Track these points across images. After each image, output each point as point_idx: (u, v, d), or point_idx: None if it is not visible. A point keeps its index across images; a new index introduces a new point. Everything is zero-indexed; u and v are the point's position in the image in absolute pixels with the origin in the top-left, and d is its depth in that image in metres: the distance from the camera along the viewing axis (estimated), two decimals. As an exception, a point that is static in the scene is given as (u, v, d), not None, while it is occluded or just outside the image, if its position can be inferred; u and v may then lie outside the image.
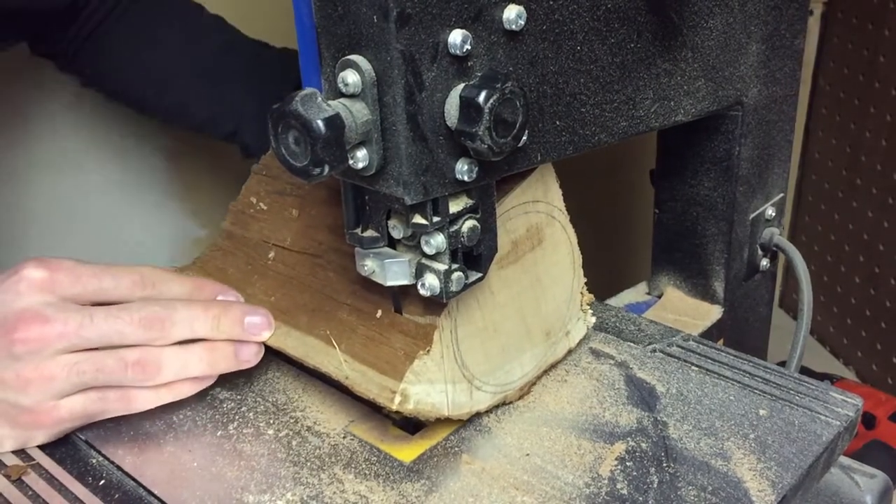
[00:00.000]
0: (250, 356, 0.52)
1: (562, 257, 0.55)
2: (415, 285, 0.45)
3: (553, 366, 0.56)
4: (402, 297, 0.49)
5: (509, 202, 0.49)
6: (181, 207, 0.99)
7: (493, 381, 0.51)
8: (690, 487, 0.46)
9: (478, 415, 0.52)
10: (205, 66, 0.77)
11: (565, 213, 0.54)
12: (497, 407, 0.53)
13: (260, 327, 0.52)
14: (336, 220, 0.54)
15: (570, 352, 0.57)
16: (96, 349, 0.48)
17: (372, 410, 0.53)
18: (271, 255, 0.58)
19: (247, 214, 0.61)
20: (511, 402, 0.53)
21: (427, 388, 0.47)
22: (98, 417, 0.50)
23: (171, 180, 1.01)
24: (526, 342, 0.53)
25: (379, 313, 0.50)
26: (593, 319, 0.58)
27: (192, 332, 0.50)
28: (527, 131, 0.42)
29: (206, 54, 0.78)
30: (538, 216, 0.52)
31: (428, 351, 0.47)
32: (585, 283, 0.57)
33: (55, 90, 0.89)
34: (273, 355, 0.59)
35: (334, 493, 0.46)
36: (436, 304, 0.47)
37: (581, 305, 0.57)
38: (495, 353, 0.51)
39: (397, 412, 0.47)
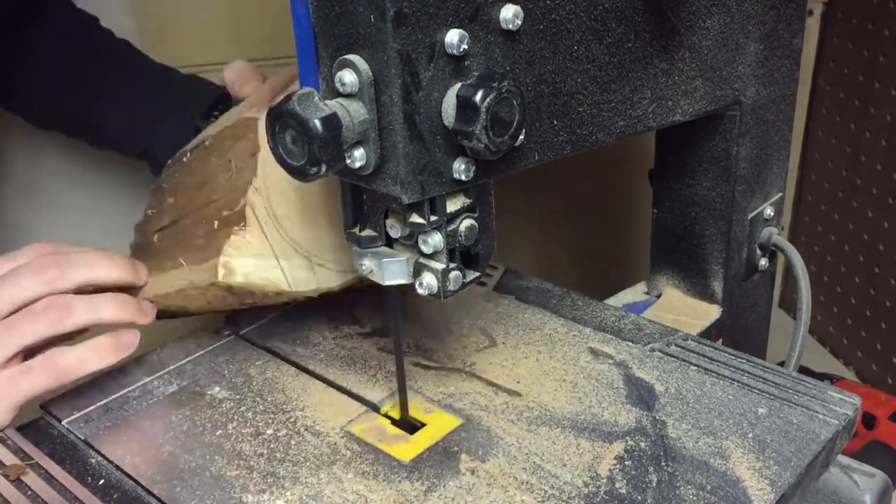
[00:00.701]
0: (148, 308, 0.56)
1: None
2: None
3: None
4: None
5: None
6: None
7: (337, 259, 0.53)
8: (689, 486, 0.46)
9: (477, 415, 0.52)
10: (112, 84, 0.77)
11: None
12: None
13: (130, 264, 0.57)
14: (197, 176, 0.59)
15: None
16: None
17: (371, 410, 0.53)
18: (155, 238, 0.62)
19: (144, 224, 0.64)
20: (367, 286, 0.53)
21: (254, 261, 0.51)
22: (32, 393, 0.51)
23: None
24: None
25: (216, 224, 0.54)
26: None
27: (91, 272, 0.53)
28: (524, 130, 0.42)
29: (114, 72, 0.78)
30: None
31: (243, 226, 0.51)
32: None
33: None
34: (272, 355, 0.59)
35: (333, 492, 0.46)
36: (248, 187, 0.52)
37: None
38: (325, 231, 0.53)
39: (228, 286, 0.50)
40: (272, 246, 0.51)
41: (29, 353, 0.51)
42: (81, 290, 0.53)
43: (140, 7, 0.89)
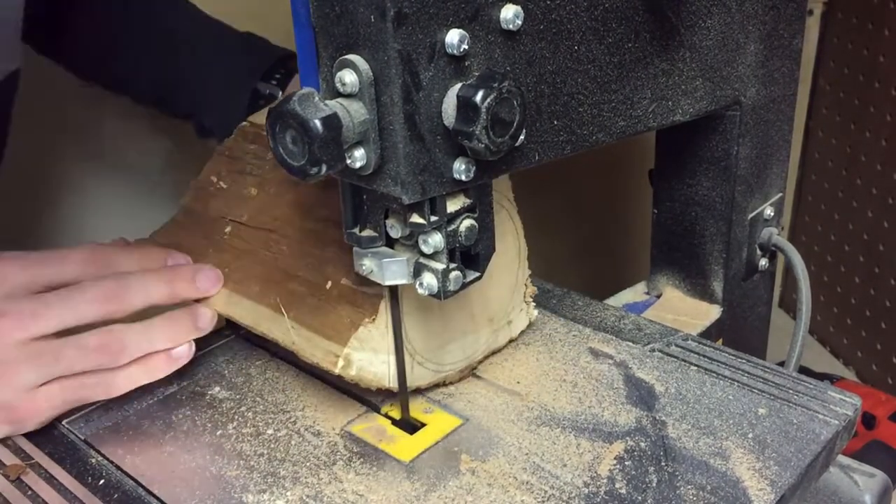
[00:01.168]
0: (206, 323, 0.54)
1: (508, 247, 0.55)
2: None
3: (494, 352, 0.57)
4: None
5: None
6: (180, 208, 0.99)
7: (435, 360, 0.52)
8: (689, 486, 0.46)
9: (478, 415, 0.52)
10: (161, 39, 0.74)
11: (513, 203, 0.55)
12: (446, 384, 0.54)
13: (210, 281, 0.54)
14: (295, 197, 0.55)
15: (511, 341, 0.58)
16: (57, 334, 0.48)
17: (371, 410, 0.53)
18: (228, 229, 0.59)
19: (206, 192, 0.62)
20: (451, 384, 0.54)
21: (370, 356, 0.48)
22: (80, 403, 0.51)
23: (171, 182, 1.01)
24: (469, 325, 0.54)
25: (329, 284, 0.51)
26: (535, 313, 0.59)
27: (147, 299, 0.51)
28: (524, 131, 0.42)
29: (164, 27, 0.74)
30: None
31: (373, 319, 0.48)
32: (530, 274, 0.58)
33: (53, 89, 0.89)
34: (272, 354, 0.59)
35: (333, 492, 0.46)
36: None
37: (525, 297, 0.58)
38: (438, 331, 0.52)
39: (339, 376, 0.48)
40: (389, 341, 0.49)
41: None
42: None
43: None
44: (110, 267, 0.52)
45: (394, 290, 0.48)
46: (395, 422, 0.52)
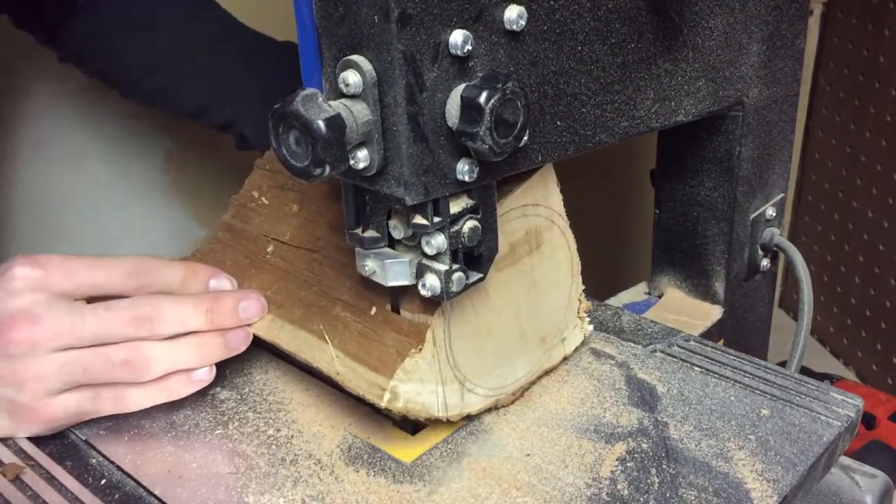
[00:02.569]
0: (239, 343, 0.52)
1: (560, 263, 0.54)
2: (414, 285, 0.45)
3: (547, 372, 0.55)
4: (399, 295, 0.49)
5: (509, 204, 0.49)
6: (181, 208, 0.99)
7: (486, 385, 0.51)
8: (691, 488, 0.46)
9: (479, 415, 0.52)
10: (200, 51, 0.74)
11: (565, 218, 0.53)
12: (497, 407, 0.52)
13: (253, 311, 0.53)
14: (336, 217, 0.54)
15: (565, 359, 0.56)
16: (88, 347, 0.48)
17: (372, 411, 0.53)
18: (270, 248, 0.58)
19: (248, 208, 0.61)
20: (503, 406, 0.53)
21: (417, 386, 0.47)
22: (93, 415, 0.50)
23: (171, 181, 1.01)
24: (520, 346, 0.52)
25: (373, 310, 0.50)
26: (590, 327, 0.58)
27: (183, 328, 0.50)
28: (527, 131, 0.42)
29: (202, 39, 0.74)
30: (538, 220, 0.51)
31: (420, 349, 0.46)
32: (584, 290, 0.56)
33: (53, 86, 0.89)
34: (273, 354, 0.59)
35: (335, 493, 0.46)
36: (431, 303, 0.47)
37: (578, 312, 0.57)
38: (488, 355, 0.50)
39: (387, 409, 0.46)
40: (437, 371, 0.47)
41: None
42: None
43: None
44: (153, 282, 0.52)
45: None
46: (396, 422, 0.52)
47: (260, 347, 0.60)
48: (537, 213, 0.51)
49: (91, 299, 0.50)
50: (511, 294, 0.51)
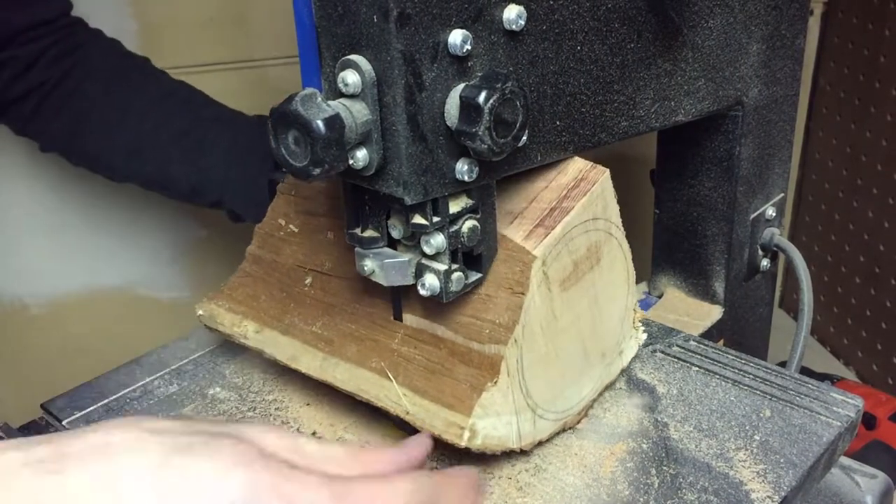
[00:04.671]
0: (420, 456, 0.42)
1: (617, 274, 0.52)
2: (414, 286, 0.45)
3: (608, 387, 0.53)
4: (403, 300, 0.49)
5: (571, 221, 0.46)
6: (182, 208, 0.99)
7: (555, 409, 0.48)
8: (691, 489, 0.46)
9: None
10: (182, 134, 0.76)
11: (622, 228, 0.51)
12: (565, 430, 0.51)
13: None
14: None
15: (622, 371, 0.54)
16: None
17: (372, 410, 0.53)
18: (308, 280, 0.54)
19: (276, 237, 0.56)
20: (570, 428, 0.51)
21: (494, 420, 0.44)
22: None
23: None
24: (584, 365, 0.50)
25: (440, 330, 0.47)
26: (644, 336, 0.56)
27: None
28: (526, 131, 0.42)
29: (183, 122, 0.76)
30: (597, 234, 0.49)
31: (496, 382, 0.44)
32: (637, 302, 0.55)
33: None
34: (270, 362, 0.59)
35: (334, 493, 0.46)
36: (502, 332, 0.45)
37: (633, 322, 0.55)
38: (556, 378, 0.48)
39: (467, 446, 0.43)
40: (511, 401, 0.45)
41: None
42: None
43: (140, 7, 0.89)
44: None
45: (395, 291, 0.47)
46: (395, 423, 0.52)
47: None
48: (597, 228, 0.49)
49: None
50: (575, 313, 0.49)
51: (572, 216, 0.47)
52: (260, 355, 0.54)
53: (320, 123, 0.37)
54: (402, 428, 0.51)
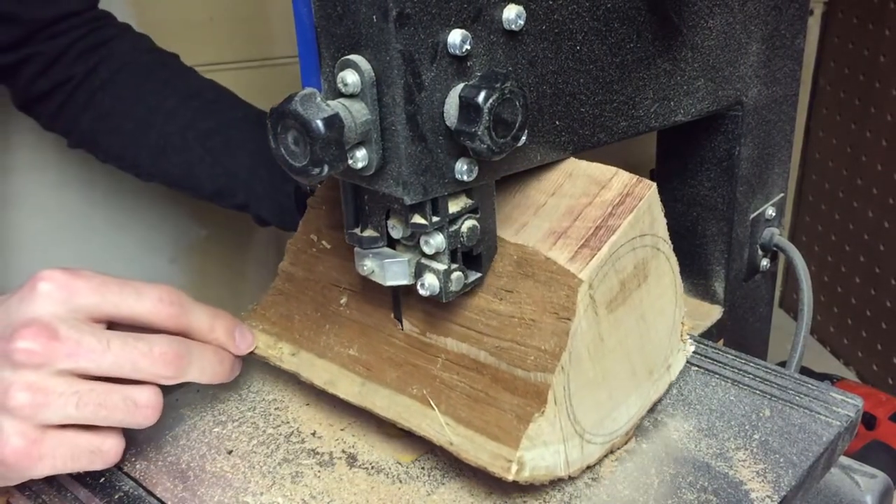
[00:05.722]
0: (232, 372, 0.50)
1: (665, 289, 0.50)
2: (414, 285, 0.45)
3: (655, 404, 0.52)
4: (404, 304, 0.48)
5: (618, 240, 0.44)
6: (182, 208, 0.99)
7: (602, 432, 0.47)
8: (691, 488, 0.46)
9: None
10: (209, 135, 0.74)
11: (669, 241, 0.49)
12: (612, 451, 0.49)
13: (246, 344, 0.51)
14: None
15: (670, 386, 0.52)
16: (101, 380, 0.43)
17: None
18: (343, 300, 0.52)
19: (308, 254, 0.54)
20: (617, 450, 0.49)
21: (542, 451, 0.43)
22: (72, 471, 0.44)
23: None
24: (631, 384, 0.49)
25: (482, 356, 0.45)
26: (692, 348, 0.54)
27: (201, 377, 0.47)
28: (526, 131, 0.42)
29: (210, 122, 0.74)
30: (644, 250, 0.47)
31: (543, 412, 0.42)
32: (684, 315, 0.53)
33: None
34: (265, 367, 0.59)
35: (334, 492, 0.46)
36: (547, 359, 0.43)
37: (681, 335, 0.53)
38: (604, 401, 0.47)
39: (515, 479, 0.42)
40: (561, 429, 0.43)
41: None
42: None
43: (140, 7, 0.89)
44: (182, 318, 0.46)
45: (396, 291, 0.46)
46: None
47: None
48: (644, 244, 0.47)
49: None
50: (622, 333, 0.47)
51: (619, 235, 0.44)
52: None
53: (320, 123, 0.37)
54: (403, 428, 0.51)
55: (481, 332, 0.46)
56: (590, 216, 0.45)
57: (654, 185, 0.46)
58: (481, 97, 0.38)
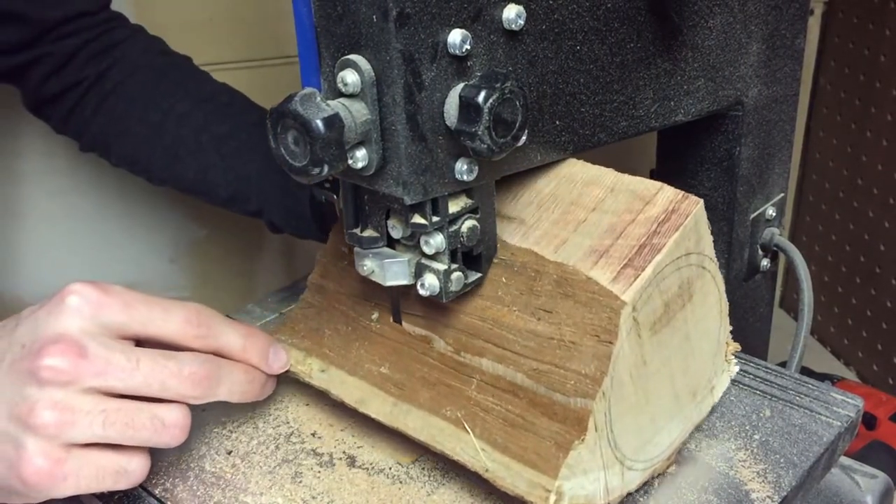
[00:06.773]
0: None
1: (710, 309, 0.48)
2: (414, 286, 0.45)
3: (697, 427, 0.50)
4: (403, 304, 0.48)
5: (663, 260, 0.43)
6: (182, 208, 0.99)
7: (643, 458, 0.45)
8: (691, 488, 0.46)
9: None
10: (222, 139, 0.73)
11: (715, 260, 0.47)
12: (654, 477, 0.48)
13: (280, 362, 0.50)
14: None
15: (713, 409, 0.51)
16: (127, 398, 0.42)
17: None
18: (375, 315, 0.51)
19: (338, 266, 0.53)
20: (659, 475, 0.47)
21: (581, 479, 0.41)
22: (98, 491, 0.43)
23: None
24: (674, 407, 0.47)
25: (519, 378, 0.44)
26: (736, 369, 0.52)
27: (230, 397, 0.46)
28: (526, 131, 0.41)
29: (224, 126, 0.73)
30: (689, 269, 0.45)
31: (583, 440, 0.41)
32: (730, 334, 0.51)
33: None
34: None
35: (334, 492, 0.46)
36: (588, 384, 0.41)
37: (726, 356, 0.51)
38: (645, 426, 0.45)
39: None
40: (601, 456, 0.42)
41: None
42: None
43: (140, 7, 0.89)
44: (214, 336, 0.45)
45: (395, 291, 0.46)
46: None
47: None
48: (689, 263, 0.45)
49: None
50: (666, 355, 0.45)
51: (664, 254, 0.42)
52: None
53: (319, 123, 0.37)
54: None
55: (518, 353, 0.44)
56: (633, 234, 0.44)
57: (701, 201, 0.44)
58: (481, 97, 0.38)
